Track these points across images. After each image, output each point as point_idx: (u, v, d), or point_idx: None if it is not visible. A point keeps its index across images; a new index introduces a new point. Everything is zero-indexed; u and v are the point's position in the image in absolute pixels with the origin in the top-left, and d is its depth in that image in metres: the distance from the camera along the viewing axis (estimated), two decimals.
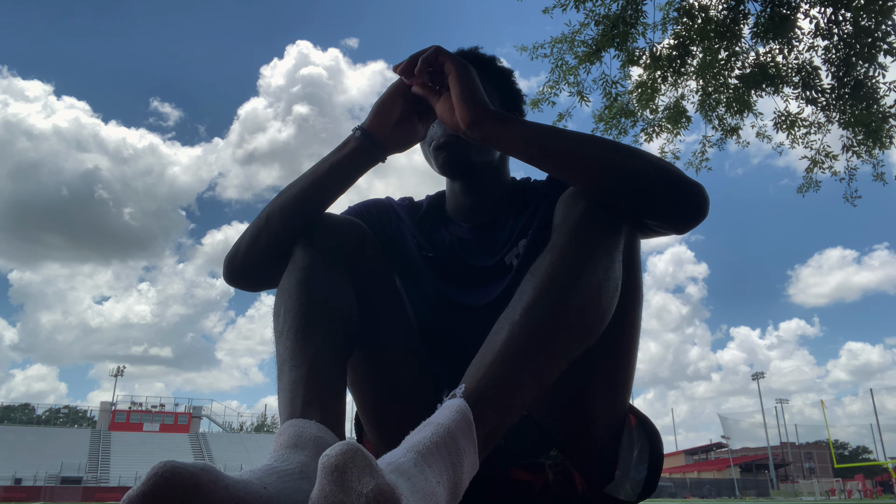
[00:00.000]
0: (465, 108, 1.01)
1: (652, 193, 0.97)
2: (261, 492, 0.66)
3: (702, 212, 0.98)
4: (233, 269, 1.14)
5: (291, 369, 0.90)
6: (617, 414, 1.10)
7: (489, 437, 0.79)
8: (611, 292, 0.91)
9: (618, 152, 0.99)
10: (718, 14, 5.70)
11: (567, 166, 0.99)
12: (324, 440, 0.81)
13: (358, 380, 1.15)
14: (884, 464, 39.76)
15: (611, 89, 6.04)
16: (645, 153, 1.01)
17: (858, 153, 5.82)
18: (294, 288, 0.99)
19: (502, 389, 0.80)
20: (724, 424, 52.86)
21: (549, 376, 0.85)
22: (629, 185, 0.97)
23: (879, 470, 45.42)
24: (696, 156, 6.69)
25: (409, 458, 0.68)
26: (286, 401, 0.87)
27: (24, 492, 32.78)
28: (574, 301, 0.86)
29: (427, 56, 1.07)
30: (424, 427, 0.74)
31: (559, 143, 1.00)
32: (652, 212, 0.99)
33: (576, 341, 0.87)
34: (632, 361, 1.09)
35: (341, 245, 1.07)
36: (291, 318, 0.95)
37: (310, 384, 0.88)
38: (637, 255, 1.03)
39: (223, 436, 49.43)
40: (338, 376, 0.93)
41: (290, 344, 0.93)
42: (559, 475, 1.09)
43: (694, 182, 0.99)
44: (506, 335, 0.83)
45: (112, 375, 52.04)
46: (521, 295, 0.88)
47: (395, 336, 1.15)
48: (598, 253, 0.91)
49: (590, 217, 0.95)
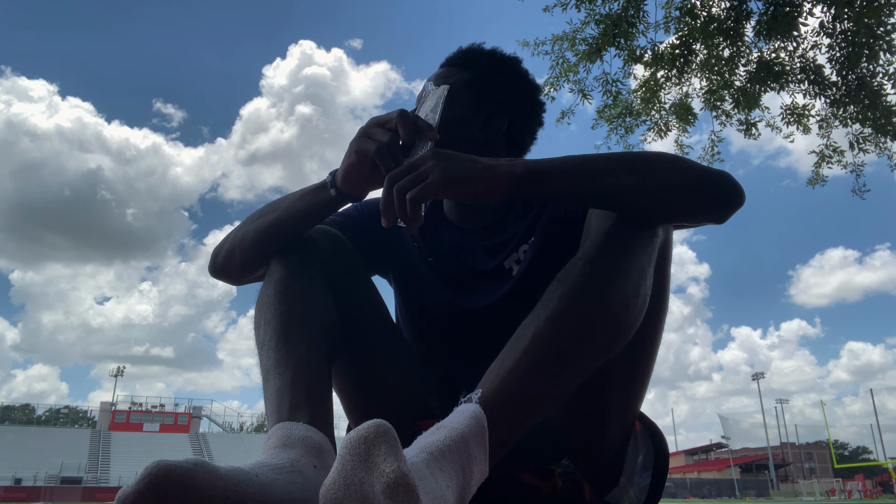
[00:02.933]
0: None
1: (693, 204, 0.96)
2: (253, 479, 0.66)
3: (740, 200, 0.98)
4: (214, 268, 1.19)
5: (276, 377, 0.90)
6: (628, 422, 1.09)
7: (501, 445, 0.78)
8: (639, 308, 0.89)
9: (650, 169, 0.95)
10: (721, 13, 5.68)
11: (606, 203, 0.95)
12: (313, 440, 0.80)
13: (345, 386, 1.16)
14: (884, 464, 39.82)
15: (611, 88, 6.01)
16: (672, 161, 0.98)
17: (865, 149, 5.79)
18: (272, 299, 1.00)
19: (519, 398, 0.79)
20: (724, 424, 52.96)
21: (568, 388, 0.83)
22: (670, 204, 0.95)
23: (879, 470, 45.48)
24: (706, 150, 6.65)
25: (422, 458, 0.68)
26: (273, 407, 0.87)
27: (24, 492, 32.80)
28: (600, 315, 0.84)
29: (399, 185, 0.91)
30: (438, 429, 0.74)
31: (592, 183, 0.93)
32: (693, 219, 0.99)
33: (598, 354, 0.85)
34: (648, 373, 1.08)
35: (317, 255, 1.08)
36: (272, 329, 0.96)
37: (295, 390, 0.88)
38: (668, 267, 1.02)
39: (223, 436, 49.54)
40: (323, 380, 0.94)
41: (273, 353, 0.93)
42: (568, 483, 1.07)
43: (721, 173, 0.98)
44: (527, 344, 0.81)
45: (112, 376, 52.11)
46: (547, 303, 0.85)
47: (377, 340, 1.15)
48: (630, 267, 0.88)
49: (625, 229, 0.93)
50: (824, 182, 6.24)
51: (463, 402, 0.78)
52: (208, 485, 0.60)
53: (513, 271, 1.23)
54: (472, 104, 1.28)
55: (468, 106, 1.27)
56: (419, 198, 0.87)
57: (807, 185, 6.40)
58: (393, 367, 1.16)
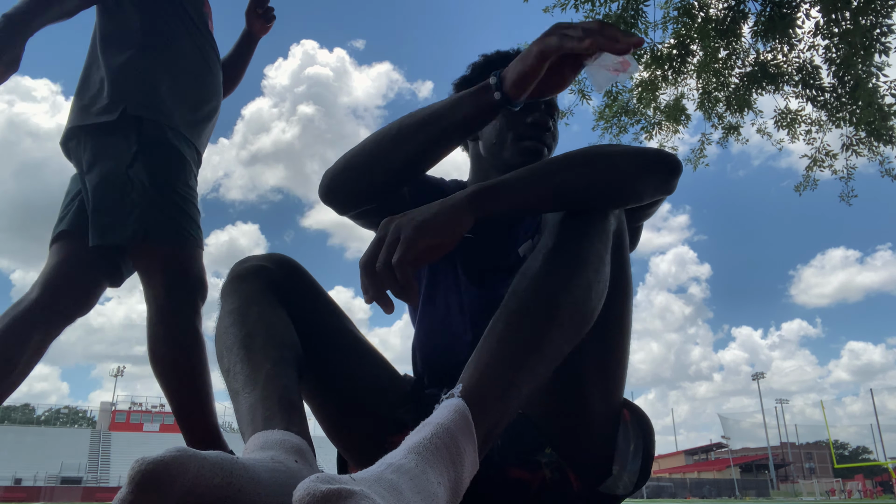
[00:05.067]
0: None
1: (641, 185, 1.01)
2: (237, 461, 0.67)
3: (679, 167, 1.04)
4: (330, 191, 1.16)
5: (246, 396, 0.91)
6: (611, 409, 1.11)
7: (488, 436, 0.79)
8: (600, 291, 0.93)
9: (593, 162, 0.98)
10: (718, 13, 5.70)
11: (559, 202, 0.98)
12: (290, 441, 0.81)
13: (316, 408, 1.17)
14: (884, 464, 39.79)
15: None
16: (610, 150, 1.01)
17: (859, 151, 5.82)
18: (230, 327, 1.00)
19: (499, 387, 0.80)
20: (724, 424, 52.95)
21: (543, 373, 0.86)
22: (620, 190, 0.99)
23: (879, 470, 45.45)
24: (694, 153, 6.71)
25: (410, 459, 0.68)
26: (247, 423, 0.87)
27: (24, 492, 32.78)
28: (567, 300, 0.88)
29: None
30: (423, 427, 0.74)
31: (542, 186, 0.97)
32: (643, 198, 1.03)
33: (567, 339, 0.88)
34: (624, 355, 1.10)
35: (270, 282, 1.07)
36: (234, 354, 0.97)
37: (267, 402, 0.88)
38: (625, 251, 1.05)
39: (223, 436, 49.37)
40: (293, 391, 0.93)
41: (240, 377, 0.94)
42: (556, 473, 1.09)
43: (656, 150, 1.04)
44: (500, 334, 0.85)
45: (112, 375, 52.11)
46: (514, 294, 0.89)
47: (342, 359, 1.16)
48: (587, 254, 0.93)
49: (578, 219, 0.97)
50: (815, 186, 6.28)
51: (444, 399, 0.79)
52: (196, 467, 0.60)
53: (526, 258, 1.25)
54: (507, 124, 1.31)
55: (503, 127, 1.31)
56: (406, 258, 0.85)
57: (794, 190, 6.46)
58: (361, 384, 1.16)
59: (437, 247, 0.88)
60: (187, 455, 0.61)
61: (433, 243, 0.87)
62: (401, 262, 0.85)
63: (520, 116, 1.30)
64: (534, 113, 1.30)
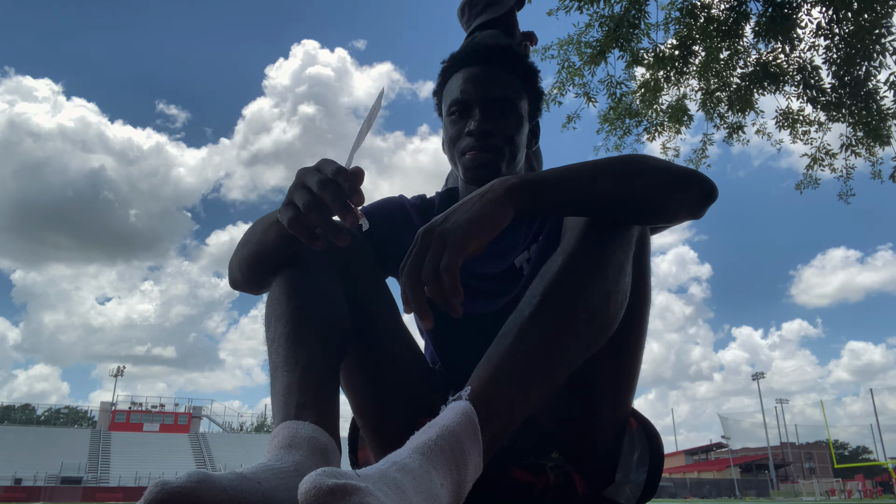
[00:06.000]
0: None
1: (676, 204, 0.98)
2: (256, 487, 0.67)
3: (715, 195, 1.00)
4: (233, 284, 1.17)
5: (284, 374, 0.91)
6: (619, 417, 1.10)
7: (493, 441, 0.78)
8: (619, 301, 0.91)
9: (637, 173, 0.95)
10: (720, 13, 5.72)
11: (597, 209, 0.95)
12: (319, 441, 0.81)
13: (352, 383, 1.15)
14: (884, 464, 39.77)
15: (615, 90, 6.07)
16: (653, 163, 0.99)
17: (857, 152, 5.85)
18: (283, 296, 1.00)
19: (508, 393, 0.79)
20: (724, 424, 52.86)
21: (555, 381, 0.84)
22: (657, 206, 0.97)
23: (879, 470, 45.41)
24: (696, 153, 6.74)
25: (415, 458, 0.69)
26: (280, 405, 0.88)
27: (24, 492, 32.75)
28: (582, 308, 0.85)
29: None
30: (429, 428, 0.74)
31: (584, 191, 0.93)
32: (675, 218, 1.00)
33: (582, 347, 0.86)
34: (637, 366, 1.08)
35: (328, 253, 1.04)
36: (282, 326, 0.96)
37: (303, 387, 0.88)
38: (647, 261, 1.03)
39: (223, 436, 49.40)
40: (331, 379, 0.94)
41: (283, 350, 0.94)
42: (560, 477, 1.08)
43: (695, 172, 1.00)
44: (513, 338, 0.83)
45: (112, 375, 52.05)
46: (530, 299, 0.87)
47: (387, 337, 1.15)
48: (607, 262, 0.90)
49: (601, 225, 0.94)
50: (816, 185, 6.30)
51: (452, 401, 0.78)
52: (212, 499, 0.61)
53: (524, 270, 1.23)
54: (526, 114, 1.28)
55: (524, 118, 1.27)
56: (453, 262, 0.81)
57: (795, 189, 6.49)
58: (400, 366, 1.15)
59: (483, 245, 0.85)
60: (206, 485, 0.61)
61: (480, 243, 0.84)
62: (450, 266, 0.82)
63: (459, 126, 1.24)
64: (469, 120, 1.23)
